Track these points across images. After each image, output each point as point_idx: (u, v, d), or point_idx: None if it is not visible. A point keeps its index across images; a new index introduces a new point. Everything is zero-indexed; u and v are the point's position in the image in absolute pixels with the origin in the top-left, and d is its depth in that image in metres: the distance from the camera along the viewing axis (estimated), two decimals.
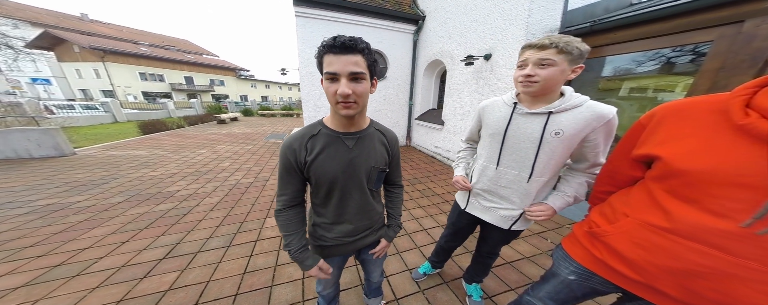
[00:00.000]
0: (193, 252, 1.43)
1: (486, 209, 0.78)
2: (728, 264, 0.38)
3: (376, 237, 0.70)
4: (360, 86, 0.45)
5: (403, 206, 2.06)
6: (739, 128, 0.37)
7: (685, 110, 0.44)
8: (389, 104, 4.21)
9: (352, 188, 0.57)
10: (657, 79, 1.63)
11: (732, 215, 0.37)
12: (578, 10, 1.91)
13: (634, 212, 0.48)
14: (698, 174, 0.39)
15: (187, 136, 5.45)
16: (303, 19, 3.28)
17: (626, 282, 0.50)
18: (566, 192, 0.68)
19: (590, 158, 0.64)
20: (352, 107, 0.46)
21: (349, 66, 0.43)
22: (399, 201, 0.73)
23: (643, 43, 1.52)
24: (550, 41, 0.55)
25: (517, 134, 0.66)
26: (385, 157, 0.60)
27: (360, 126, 0.56)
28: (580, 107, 0.59)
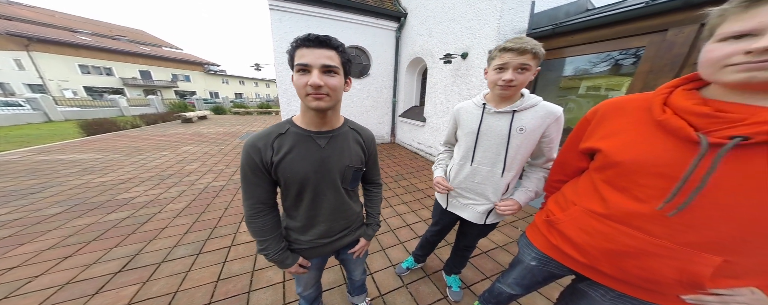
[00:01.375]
0: (155, 263, 1.34)
1: (464, 206, 0.85)
2: (648, 244, 0.42)
3: (355, 236, 0.70)
4: (333, 79, 0.45)
5: (387, 203, 2.12)
6: (658, 124, 0.41)
7: (621, 106, 0.49)
8: (373, 101, 4.25)
9: (326, 188, 0.56)
10: (608, 79, 1.89)
11: (650, 200, 0.41)
12: (543, 13, 2.13)
13: (581, 200, 0.53)
14: (628, 165, 0.44)
15: (145, 137, 4.94)
16: (278, 12, 3.17)
17: (576, 264, 0.55)
18: (528, 187, 0.76)
19: (545, 154, 0.73)
20: (323, 98, 0.45)
21: (322, 59, 0.43)
22: (378, 200, 0.74)
23: (595, 46, 1.76)
24: (530, 46, 0.58)
25: (488, 132, 0.73)
26: (361, 156, 0.60)
27: (333, 125, 0.55)
28: (537, 105, 0.68)
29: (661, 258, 0.41)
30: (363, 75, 4.03)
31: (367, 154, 0.63)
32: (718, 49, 0.33)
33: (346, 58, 0.48)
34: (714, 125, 0.35)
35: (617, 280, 0.49)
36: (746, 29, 0.30)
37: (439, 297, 1.13)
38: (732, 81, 0.33)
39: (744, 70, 0.31)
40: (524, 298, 1.09)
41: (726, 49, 0.32)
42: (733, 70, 0.32)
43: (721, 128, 0.35)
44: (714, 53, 0.34)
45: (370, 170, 0.69)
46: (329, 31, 3.50)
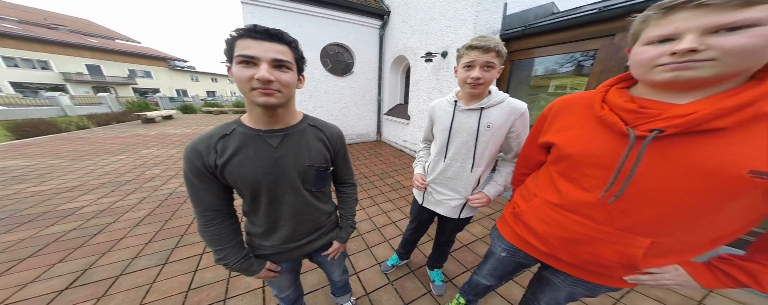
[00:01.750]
0: (111, 276, 1.20)
1: (439, 202, 0.87)
2: (594, 230, 0.45)
3: (327, 239, 0.68)
4: (285, 75, 0.43)
5: (373, 201, 2.13)
6: (598, 119, 0.45)
7: (571, 104, 0.53)
8: (358, 99, 4.22)
9: (284, 190, 0.53)
10: (572, 78, 2.10)
11: (594, 190, 0.45)
12: (515, 15, 2.30)
13: (540, 192, 0.56)
14: (577, 157, 0.47)
15: (95, 139, 4.38)
16: (251, 6, 2.99)
17: (538, 253, 0.58)
18: (498, 181, 0.81)
19: (514, 149, 0.77)
20: (273, 94, 0.42)
21: (272, 52, 0.41)
22: (351, 201, 0.71)
23: (560, 48, 1.95)
24: (494, 44, 0.61)
25: (459, 129, 0.76)
26: (324, 154, 0.57)
27: (287, 122, 0.52)
28: (503, 102, 0.71)
29: (605, 243, 0.45)
30: (347, 73, 3.99)
31: (334, 152, 0.61)
32: (647, 52, 0.36)
33: (299, 54, 0.46)
34: (639, 119, 0.39)
35: (574, 266, 0.52)
36: (667, 34, 0.33)
37: (423, 292, 1.16)
38: (661, 80, 0.36)
39: (670, 70, 0.34)
40: (501, 287, 1.17)
41: (654, 52, 0.35)
42: (662, 70, 0.35)
43: (644, 123, 0.38)
44: (644, 55, 0.37)
45: (340, 170, 0.67)
46: (309, 28, 3.41)
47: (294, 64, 0.45)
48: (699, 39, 0.30)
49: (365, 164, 3.16)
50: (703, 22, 0.30)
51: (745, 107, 0.32)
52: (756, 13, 0.28)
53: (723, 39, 0.29)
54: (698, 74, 0.32)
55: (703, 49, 0.30)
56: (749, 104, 0.32)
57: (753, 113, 0.32)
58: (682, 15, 0.31)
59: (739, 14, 0.28)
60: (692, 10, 0.30)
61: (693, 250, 0.42)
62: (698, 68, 0.32)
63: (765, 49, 0.29)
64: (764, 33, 0.28)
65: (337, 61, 3.88)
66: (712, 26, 0.29)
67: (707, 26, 0.30)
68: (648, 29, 0.36)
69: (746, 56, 0.30)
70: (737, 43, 0.29)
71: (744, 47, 0.29)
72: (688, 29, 0.31)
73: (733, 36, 0.29)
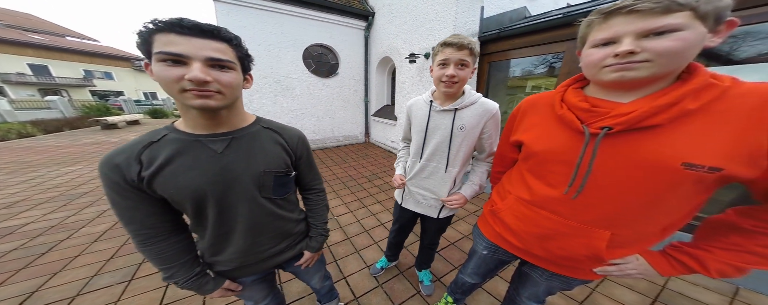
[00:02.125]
0: (67, 298, 1.08)
1: (418, 202, 0.88)
2: (561, 225, 0.47)
3: (298, 250, 0.64)
4: (226, 75, 0.39)
5: (361, 203, 2.12)
6: (558, 117, 0.48)
7: (535, 103, 0.56)
8: (344, 101, 4.20)
9: (236, 200, 0.48)
10: (545, 79, 2.28)
11: (559, 186, 0.47)
12: (491, 18, 2.45)
13: (514, 189, 0.58)
14: (542, 154, 0.50)
15: (42, 149, 3.90)
16: (225, 5, 2.84)
17: (516, 249, 0.59)
18: (473, 181, 0.82)
19: (487, 149, 0.78)
20: (212, 96, 0.38)
21: (205, 50, 0.36)
22: (321, 208, 0.67)
23: (532, 50, 2.11)
24: (467, 42, 0.62)
25: (434, 130, 0.76)
26: (284, 158, 0.53)
27: (234, 125, 0.48)
28: (476, 103, 0.72)
29: (572, 237, 0.47)
30: (331, 74, 3.96)
31: (295, 156, 0.57)
32: (594, 54, 0.39)
33: (242, 52, 0.43)
34: (592, 117, 0.42)
35: (548, 261, 0.54)
36: (608, 37, 0.36)
37: (413, 292, 1.17)
38: (608, 80, 0.39)
39: (615, 70, 0.37)
40: (488, 284, 1.21)
41: (600, 54, 0.38)
42: (609, 71, 0.38)
43: (596, 120, 0.41)
44: (592, 57, 0.39)
45: (304, 175, 0.63)
46: (291, 28, 3.34)
47: (237, 63, 0.41)
48: (635, 42, 0.34)
49: (353, 167, 3.14)
50: (636, 26, 0.33)
51: (674, 105, 0.35)
52: (675, 20, 0.31)
53: (654, 42, 0.33)
54: (639, 74, 0.35)
55: (640, 52, 0.34)
56: (677, 102, 0.35)
57: (680, 110, 0.35)
58: (619, 20, 0.35)
59: (662, 20, 0.32)
60: (626, 15, 0.34)
61: (648, 239, 0.45)
62: (638, 69, 0.35)
63: (686, 52, 0.33)
64: (684, 37, 0.32)
65: (321, 63, 3.84)
66: (643, 30, 0.33)
67: (639, 30, 0.33)
68: (593, 33, 0.39)
69: (673, 58, 0.33)
70: (665, 46, 0.32)
71: (670, 49, 0.32)
72: (625, 33, 0.34)
73: (661, 40, 0.32)
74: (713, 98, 0.35)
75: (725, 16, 0.33)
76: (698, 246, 0.43)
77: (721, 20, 0.33)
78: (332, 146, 4.31)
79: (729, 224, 0.41)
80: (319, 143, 4.17)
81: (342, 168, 3.09)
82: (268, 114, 3.54)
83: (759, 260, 0.38)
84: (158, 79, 0.37)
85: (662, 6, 0.31)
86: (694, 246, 0.43)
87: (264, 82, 3.37)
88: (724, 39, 0.35)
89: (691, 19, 0.31)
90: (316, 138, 4.12)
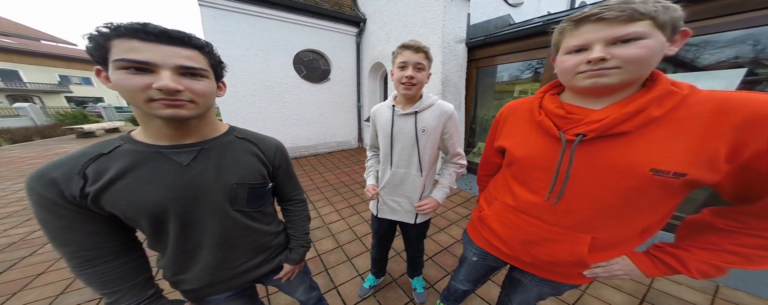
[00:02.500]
0: None
1: (393, 210, 0.87)
2: (545, 231, 0.48)
3: (276, 263, 0.61)
4: (199, 84, 0.38)
5: (354, 210, 2.09)
6: (537, 124, 0.49)
7: (516, 109, 0.57)
8: (336, 106, 4.20)
9: (203, 214, 0.45)
10: (531, 84, 2.37)
11: (540, 192, 0.48)
12: (478, 25, 2.55)
13: (500, 195, 0.59)
14: (524, 160, 0.51)
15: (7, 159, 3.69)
16: (211, 9, 2.83)
17: (504, 256, 0.60)
18: (443, 184, 0.83)
19: (450, 149, 0.80)
20: (184, 105, 0.37)
21: (174, 58, 0.35)
22: (302, 219, 0.66)
23: (517, 56, 2.20)
24: (423, 46, 0.65)
25: (400, 135, 0.77)
26: (259, 170, 0.51)
27: (203, 135, 0.45)
28: (433, 105, 0.74)
29: (556, 242, 0.48)
30: (323, 80, 3.97)
31: (272, 167, 0.55)
32: (568, 60, 0.40)
33: (215, 59, 0.42)
34: (567, 124, 0.44)
35: (535, 267, 0.55)
36: (580, 44, 0.38)
37: (406, 300, 1.15)
38: (582, 86, 0.40)
39: (589, 76, 0.38)
40: (481, 288, 1.21)
41: (573, 60, 0.39)
42: (583, 77, 0.39)
43: (571, 127, 0.43)
44: (566, 64, 0.41)
45: (284, 186, 0.61)
46: (281, 34, 3.35)
47: (210, 71, 0.40)
48: (605, 49, 0.36)
49: (346, 173, 3.11)
50: (605, 34, 0.35)
51: (640, 112, 0.37)
52: (638, 28, 0.33)
53: (622, 49, 0.35)
54: (610, 81, 0.37)
55: (610, 58, 0.35)
56: (643, 109, 0.37)
57: (646, 117, 0.37)
58: (588, 27, 0.37)
59: (627, 28, 0.34)
60: (595, 23, 0.36)
61: (629, 242, 0.46)
62: (609, 75, 0.37)
63: (650, 59, 0.35)
64: (648, 44, 0.34)
65: (312, 68, 3.85)
66: (611, 38, 0.35)
67: (607, 38, 0.35)
68: (565, 40, 0.41)
69: (640, 64, 0.35)
70: (631, 53, 0.34)
71: (636, 56, 0.34)
72: (596, 40, 0.36)
73: (628, 47, 0.34)
74: (674, 106, 0.36)
75: (680, 26, 0.35)
76: (679, 245, 0.44)
77: (677, 30, 0.35)
78: (325, 152, 4.27)
79: (705, 224, 0.42)
80: (311, 150, 4.13)
81: (334, 174, 3.06)
82: (258, 121, 3.49)
83: (736, 259, 0.39)
84: (118, 88, 0.34)
85: (626, 14, 0.33)
86: (675, 246, 0.44)
87: (253, 88, 3.33)
88: (679, 48, 0.37)
89: (651, 27, 0.33)
90: (308, 144, 4.08)
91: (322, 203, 2.24)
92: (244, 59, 3.16)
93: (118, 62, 0.33)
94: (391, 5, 3.00)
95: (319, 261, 1.43)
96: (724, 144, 0.34)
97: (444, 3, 2.24)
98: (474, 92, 2.70)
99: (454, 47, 2.44)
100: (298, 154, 3.99)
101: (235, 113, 3.27)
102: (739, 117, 0.33)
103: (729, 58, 1.27)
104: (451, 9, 2.31)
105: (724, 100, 0.34)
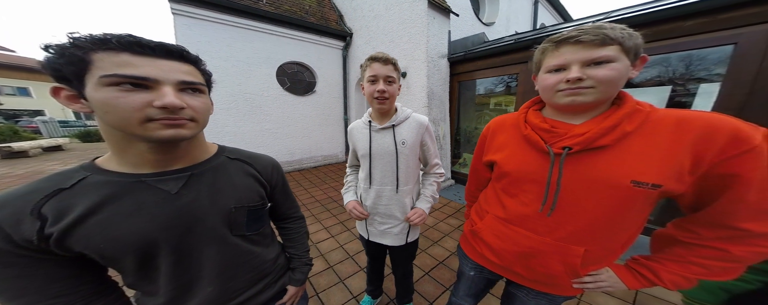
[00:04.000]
0: None
1: (382, 233, 0.84)
2: (539, 243, 0.49)
3: (278, 287, 0.58)
4: (198, 100, 0.36)
5: (344, 226, 2.01)
6: (524, 138, 0.51)
7: (502, 123, 0.60)
8: (322, 119, 4.19)
9: (199, 244, 0.42)
10: (505, 97, 2.63)
11: (532, 204, 0.50)
12: (457, 41, 2.83)
13: (491, 208, 0.60)
14: (514, 174, 0.53)
15: None
16: (185, 18, 2.75)
17: (498, 269, 0.61)
18: (426, 195, 0.84)
19: (429, 160, 0.82)
20: (185, 125, 0.34)
21: (176, 73, 0.33)
22: (301, 236, 0.65)
23: (493, 71, 2.45)
24: (392, 57, 0.65)
25: (379, 151, 0.76)
26: (257, 190, 0.50)
27: (193, 158, 0.42)
28: (409, 118, 0.75)
29: (550, 254, 0.49)
30: (308, 92, 3.98)
31: (270, 186, 0.54)
32: (549, 79, 0.44)
33: (208, 74, 0.41)
34: (552, 138, 0.47)
35: (531, 280, 0.56)
36: (559, 64, 0.42)
37: None
38: (562, 103, 0.44)
39: (567, 94, 0.42)
40: (482, 302, 1.18)
41: (553, 79, 0.43)
42: (562, 95, 0.43)
43: (557, 141, 0.46)
44: (547, 82, 0.45)
45: (281, 205, 0.60)
46: (263, 45, 3.35)
47: (206, 86, 0.39)
48: (581, 70, 0.40)
49: (334, 187, 3.02)
50: (581, 55, 0.39)
51: (615, 127, 0.41)
52: (609, 52, 0.38)
53: (596, 70, 0.39)
54: (586, 99, 0.41)
55: (585, 78, 0.39)
56: (617, 124, 0.41)
57: (621, 132, 0.41)
58: (567, 49, 0.41)
59: (599, 51, 0.38)
60: (573, 45, 0.40)
61: (614, 254, 0.49)
62: (585, 94, 0.41)
63: (619, 80, 0.39)
64: (616, 67, 0.38)
65: (296, 81, 3.86)
66: (586, 59, 0.39)
67: (583, 59, 0.39)
68: (546, 59, 0.45)
69: (610, 85, 0.39)
70: (603, 74, 0.38)
71: (608, 77, 0.38)
72: (573, 61, 0.40)
73: (600, 69, 0.38)
74: (641, 122, 0.41)
75: (640, 52, 0.40)
76: (651, 258, 0.47)
77: (638, 55, 0.40)
78: (310, 166, 4.14)
79: (670, 237, 0.46)
80: (295, 165, 3.98)
81: (321, 190, 2.95)
82: (236, 135, 3.32)
83: (701, 270, 0.41)
84: (106, 107, 0.30)
85: (599, 39, 0.38)
86: (649, 258, 0.47)
87: (231, 100, 3.22)
88: (639, 72, 0.42)
89: (619, 52, 0.38)
90: (292, 159, 3.94)
91: (310, 220, 2.12)
92: (221, 70, 3.08)
93: (109, 78, 0.29)
94: (377, 21, 3.21)
95: (309, 284, 1.32)
96: (687, 158, 0.38)
97: (427, 20, 2.47)
98: (457, 105, 2.90)
99: (437, 62, 2.65)
100: None
101: (208, 129, 2.91)
102: (695, 133, 0.37)
103: (653, 76, 1.58)
104: (434, 25, 2.55)
105: (680, 118, 0.39)
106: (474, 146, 2.99)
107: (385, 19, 3.05)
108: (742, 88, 1.23)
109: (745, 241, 0.38)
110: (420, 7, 2.50)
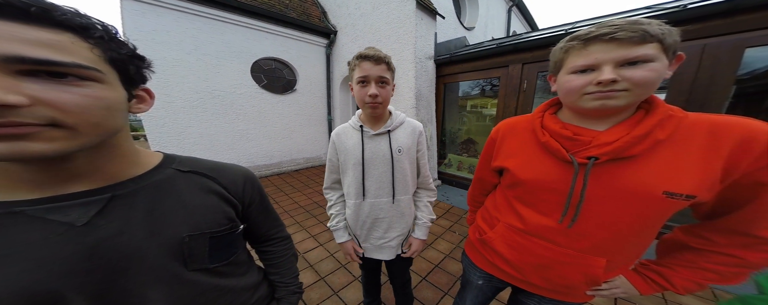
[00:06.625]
0: None
1: (379, 248, 0.79)
2: (559, 254, 0.48)
3: None
4: (69, 93, 0.23)
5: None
6: (542, 145, 0.48)
7: (513, 127, 0.56)
8: (304, 119, 4.01)
9: (139, 287, 0.33)
10: (488, 99, 2.81)
11: (552, 214, 0.47)
12: (442, 44, 2.94)
13: (502, 216, 0.58)
14: (531, 183, 0.50)
15: None
16: (136, 3, 2.37)
17: (513, 279, 0.59)
18: (421, 219, 0.80)
19: (421, 170, 0.78)
20: (32, 133, 0.22)
21: (17, 45, 0.21)
22: (286, 260, 0.55)
23: (476, 74, 2.60)
24: (384, 55, 0.59)
25: (373, 159, 0.70)
26: (223, 211, 0.40)
27: (112, 174, 0.32)
28: (404, 123, 0.72)
29: (570, 265, 0.48)
30: (288, 90, 3.79)
31: (243, 204, 0.44)
32: (574, 81, 0.40)
33: (117, 51, 0.27)
34: (576, 146, 0.43)
35: (547, 290, 0.55)
36: (588, 64, 0.37)
37: None
38: (590, 108, 0.40)
39: (597, 98, 0.38)
40: None
41: (580, 81, 0.39)
42: (590, 99, 0.39)
43: (581, 150, 0.42)
44: (573, 83, 0.40)
45: (260, 225, 0.50)
46: (235, 38, 3.10)
47: (99, 68, 0.25)
48: (615, 71, 0.35)
49: (318, 191, 2.90)
50: (616, 55, 0.35)
51: (647, 135, 0.38)
52: (649, 50, 0.34)
53: (631, 72, 0.35)
54: (618, 103, 0.37)
55: (620, 80, 0.35)
56: (649, 132, 0.38)
57: (653, 140, 0.38)
58: (598, 47, 0.36)
59: (638, 50, 0.34)
60: (606, 43, 0.35)
61: (631, 263, 0.49)
62: (618, 98, 0.37)
63: (656, 82, 0.36)
64: (655, 67, 0.34)
65: (274, 78, 3.66)
66: (622, 59, 0.35)
67: (619, 59, 0.35)
68: (571, 59, 0.40)
69: (647, 87, 0.36)
70: (641, 76, 0.35)
71: (646, 79, 0.35)
72: (605, 61, 0.36)
73: (637, 69, 0.34)
74: (674, 129, 0.38)
75: (677, 50, 0.36)
76: (661, 263, 0.47)
77: (675, 54, 0.37)
78: (291, 170, 3.92)
79: (679, 243, 0.45)
80: (274, 168, 3.74)
81: (305, 195, 2.81)
82: (203, 137, 3.02)
83: (714, 276, 0.41)
84: None
85: (639, 36, 0.34)
86: (659, 263, 0.47)
87: (195, 97, 2.91)
88: (673, 72, 0.38)
89: (659, 50, 0.34)
90: (270, 163, 3.70)
91: (294, 229, 1.99)
92: (184, 64, 2.77)
93: None
94: (365, 20, 3.19)
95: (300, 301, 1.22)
96: (720, 166, 0.36)
97: (415, 20, 2.53)
98: (442, 107, 3.02)
99: (425, 63, 2.72)
100: (257, 174, 3.54)
101: (167, 129, 2.73)
102: (733, 140, 0.35)
103: None
104: (422, 27, 2.62)
105: (715, 124, 0.37)
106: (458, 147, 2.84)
107: (372, 18, 3.05)
108: (681, 95, 1.48)
109: (761, 248, 0.38)
110: (408, 7, 2.55)
